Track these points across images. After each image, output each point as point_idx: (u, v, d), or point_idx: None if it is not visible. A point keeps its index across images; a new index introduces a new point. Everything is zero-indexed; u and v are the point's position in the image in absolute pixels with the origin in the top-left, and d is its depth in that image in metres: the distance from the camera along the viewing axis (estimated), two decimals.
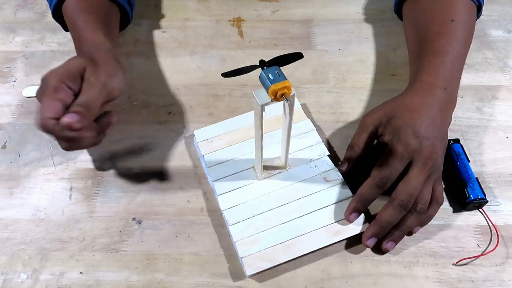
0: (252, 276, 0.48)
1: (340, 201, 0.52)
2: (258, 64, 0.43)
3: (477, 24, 0.71)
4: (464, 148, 0.56)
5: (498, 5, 0.73)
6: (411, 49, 0.62)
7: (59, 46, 0.70)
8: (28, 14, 0.75)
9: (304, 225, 0.50)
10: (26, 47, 0.71)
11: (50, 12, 0.75)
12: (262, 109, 0.43)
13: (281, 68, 0.41)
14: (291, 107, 0.44)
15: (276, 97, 0.40)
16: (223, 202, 0.52)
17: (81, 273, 0.50)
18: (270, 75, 0.40)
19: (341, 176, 0.54)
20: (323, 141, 0.57)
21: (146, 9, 0.75)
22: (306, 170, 0.55)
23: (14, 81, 0.67)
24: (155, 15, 0.74)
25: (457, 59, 0.56)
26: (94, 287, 0.49)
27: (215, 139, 0.57)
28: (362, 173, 0.51)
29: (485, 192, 0.52)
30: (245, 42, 0.70)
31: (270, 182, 0.54)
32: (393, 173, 0.49)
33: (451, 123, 0.55)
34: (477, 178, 0.53)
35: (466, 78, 0.64)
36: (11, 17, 0.75)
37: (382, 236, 0.50)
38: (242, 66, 0.44)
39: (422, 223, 0.50)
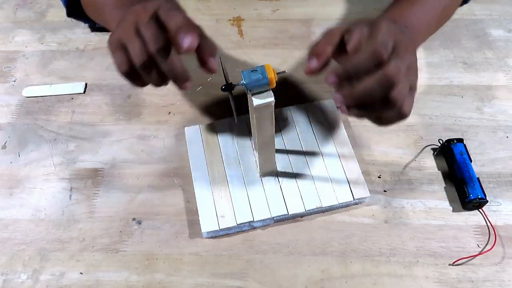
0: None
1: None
2: (227, 88, 0.44)
3: (478, 24, 0.71)
4: None
5: (498, 4, 0.73)
6: None
7: (58, 46, 0.70)
8: (27, 14, 0.75)
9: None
10: (26, 47, 0.71)
11: (50, 11, 0.75)
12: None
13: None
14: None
15: (275, 81, 0.42)
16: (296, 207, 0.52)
17: (81, 273, 0.50)
18: (253, 77, 0.42)
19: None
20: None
21: None
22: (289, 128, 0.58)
23: (14, 81, 0.67)
24: None
25: (426, 7, 0.52)
26: (94, 287, 0.49)
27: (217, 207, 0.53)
28: None
29: (485, 192, 0.52)
30: (245, 42, 0.70)
31: (283, 166, 0.55)
32: (359, 29, 0.41)
33: (451, 123, 0.54)
34: (478, 178, 0.53)
35: (466, 78, 0.64)
36: (10, 16, 0.75)
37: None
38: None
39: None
